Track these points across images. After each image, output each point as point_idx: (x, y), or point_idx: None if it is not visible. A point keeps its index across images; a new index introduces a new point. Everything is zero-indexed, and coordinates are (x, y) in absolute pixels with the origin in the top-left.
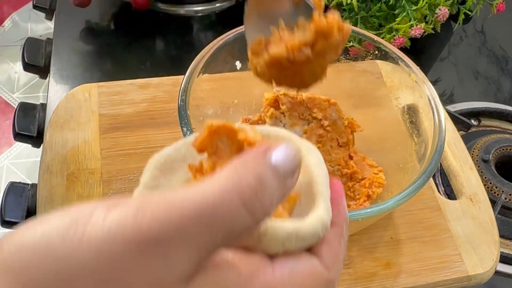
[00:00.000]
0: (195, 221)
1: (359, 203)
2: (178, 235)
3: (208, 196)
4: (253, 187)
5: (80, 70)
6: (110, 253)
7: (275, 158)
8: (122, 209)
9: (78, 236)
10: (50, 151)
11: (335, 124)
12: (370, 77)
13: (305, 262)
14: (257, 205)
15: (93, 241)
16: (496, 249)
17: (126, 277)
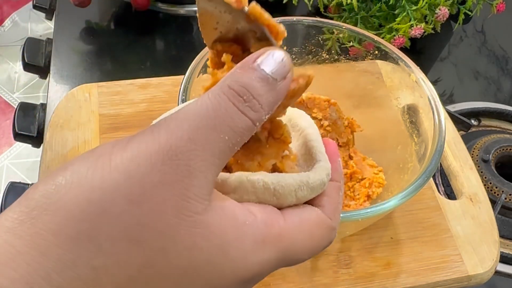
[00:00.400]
0: (202, 127)
1: (359, 203)
2: (191, 142)
3: (207, 104)
4: (241, 93)
5: (80, 70)
6: (137, 172)
7: (264, 65)
8: (139, 135)
9: (106, 164)
10: (50, 151)
11: (335, 124)
12: (370, 77)
13: (311, 212)
14: (246, 104)
15: (119, 164)
16: (496, 249)
17: (155, 191)
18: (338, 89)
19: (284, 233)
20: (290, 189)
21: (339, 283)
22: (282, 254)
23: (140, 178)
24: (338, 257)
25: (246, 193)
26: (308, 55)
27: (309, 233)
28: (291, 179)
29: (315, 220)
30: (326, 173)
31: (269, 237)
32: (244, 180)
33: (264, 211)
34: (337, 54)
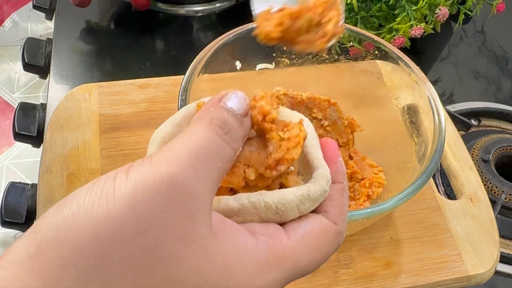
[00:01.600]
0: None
1: (359, 203)
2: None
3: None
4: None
5: (80, 70)
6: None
7: (229, 103)
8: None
9: (110, 195)
10: (50, 151)
11: (335, 124)
12: (370, 77)
13: (314, 222)
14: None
15: (124, 195)
16: (496, 249)
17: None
18: (338, 89)
19: (288, 252)
20: (292, 205)
21: (339, 283)
22: (289, 272)
23: (145, 207)
24: (338, 257)
25: (249, 214)
26: (308, 55)
27: (315, 245)
28: (292, 195)
29: (319, 230)
30: (325, 180)
31: (272, 259)
32: (245, 203)
33: (266, 232)
34: (337, 54)
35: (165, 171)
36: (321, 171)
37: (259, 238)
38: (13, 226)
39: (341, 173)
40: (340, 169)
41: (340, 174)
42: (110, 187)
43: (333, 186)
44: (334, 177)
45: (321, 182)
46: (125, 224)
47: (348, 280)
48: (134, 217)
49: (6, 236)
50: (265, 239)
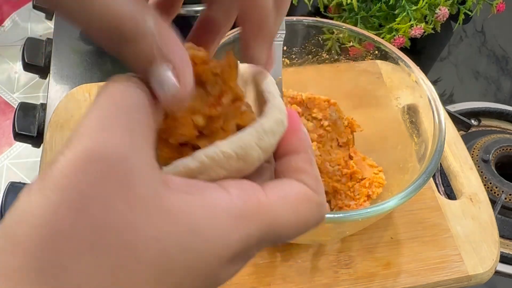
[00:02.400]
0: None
1: (359, 203)
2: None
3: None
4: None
5: (80, 70)
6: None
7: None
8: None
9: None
10: (50, 151)
11: (335, 124)
12: (370, 77)
13: (295, 186)
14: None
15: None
16: (496, 249)
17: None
18: (338, 89)
19: (266, 207)
20: (251, 144)
21: (339, 283)
22: (266, 228)
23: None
24: (338, 257)
25: (212, 169)
26: (308, 55)
27: (295, 208)
28: (247, 136)
29: (302, 195)
30: (278, 110)
31: (247, 212)
32: (203, 159)
33: (240, 187)
34: (337, 54)
35: (81, 148)
36: (271, 102)
37: (232, 192)
38: None
39: (304, 141)
40: (302, 137)
41: (304, 143)
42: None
43: (300, 157)
44: (299, 146)
45: (273, 113)
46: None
47: (348, 280)
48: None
49: None
50: (238, 193)
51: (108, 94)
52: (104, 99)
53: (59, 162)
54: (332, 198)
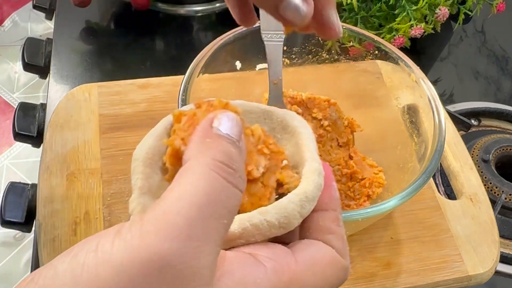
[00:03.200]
0: (200, 218)
1: (359, 203)
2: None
3: (199, 188)
4: (229, 163)
5: (80, 70)
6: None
7: (224, 128)
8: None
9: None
10: (50, 151)
11: (335, 124)
12: (370, 77)
13: (324, 251)
14: (236, 175)
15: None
16: (496, 249)
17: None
18: (338, 89)
19: (296, 278)
20: (294, 214)
21: None
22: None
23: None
24: None
25: (252, 235)
26: (308, 55)
27: (322, 274)
28: (291, 205)
29: (328, 260)
30: (317, 174)
31: (280, 285)
32: (247, 226)
33: (273, 256)
34: (337, 54)
35: (155, 249)
36: (309, 164)
37: (267, 265)
38: (13, 226)
39: (335, 199)
40: (334, 195)
41: (334, 201)
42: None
43: (328, 215)
44: (328, 203)
45: (314, 178)
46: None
47: (348, 280)
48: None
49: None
50: (273, 265)
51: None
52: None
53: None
54: None
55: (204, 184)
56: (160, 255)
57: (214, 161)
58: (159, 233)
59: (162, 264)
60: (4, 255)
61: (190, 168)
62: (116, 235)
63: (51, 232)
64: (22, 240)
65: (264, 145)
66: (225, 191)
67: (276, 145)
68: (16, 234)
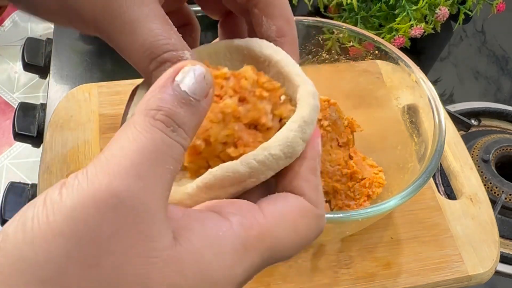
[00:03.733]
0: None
1: (359, 203)
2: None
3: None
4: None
5: (80, 70)
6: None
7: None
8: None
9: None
10: (50, 151)
11: (335, 124)
12: (370, 77)
13: (292, 202)
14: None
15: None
16: (496, 249)
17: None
18: (338, 89)
19: (265, 232)
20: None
21: (339, 283)
22: (267, 254)
23: (91, 236)
24: (338, 257)
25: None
26: (308, 55)
27: (294, 226)
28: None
29: (298, 211)
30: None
31: (249, 241)
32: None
33: (238, 211)
34: (337, 54)
35: (106, 188)
36: (303, 88)
37: (232, 219)
38: None
39: (315, 149)
40: (315, 146)
41: (314, 151)
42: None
43: (305, 162)
44: (307, 152)
45: (308, 101)
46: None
47: (348, 280)
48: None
49: None
50: (238, 220)
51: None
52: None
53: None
54: (332, 198)
55: (144, 136)
56: (111, 193)
57: (154, 119)
58: (107, 174)
59: (115, 201)
60: None
61: (132, 123)
62: (62, 186)
63: None
64: None
65: (261, 89)
66: (167, 143)
67: (271, 82)
68: None
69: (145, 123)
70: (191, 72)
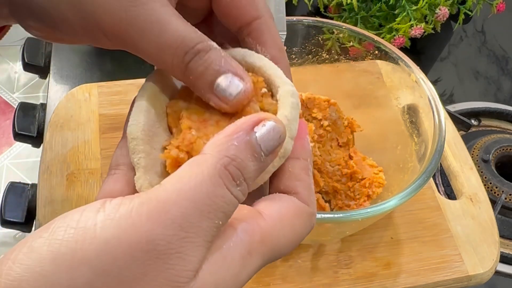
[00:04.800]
0: (195, 214)
1: (359, 203)
2: (183, 231)
3: (203, 189)
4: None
5: (80, 70)
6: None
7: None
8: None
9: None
10: (50, 151)
11: (335, 124)
12: (370, 77)
13: (288, 203)
14: (240, 191)
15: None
16: (496, 249)
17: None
18: (338, 89)
19: (267, 235)
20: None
21: (339, 283)
22: (268, 255)
23: (118, 273)
24: (338, 257)
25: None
26: (308, 55)
27: (291, 226)
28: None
29: (294, 211)
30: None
31: (253, 246)
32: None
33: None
34: (337, 54)
35: (145, 234)
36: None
37: (237, 227)
38: (13, 226)
39: (306, 150)
40: (306, 145)
41: (305, 151)
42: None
43: (298, 163)
44: (299, 152)
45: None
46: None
47: (348, 280)
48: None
49: (6, 236)
50: (243, 227)
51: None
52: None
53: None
54: (332, 198)
55: (207, 188)
56: (149, 238)
57: (225, 170)
58: (151, 218)
59: (149, 247)
60: None
61: (200, 165)
62: (100, 209)
63: None
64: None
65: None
66: (226, 199)
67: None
68: (16, 234)
69: (214, 172)
70: (270, 128)
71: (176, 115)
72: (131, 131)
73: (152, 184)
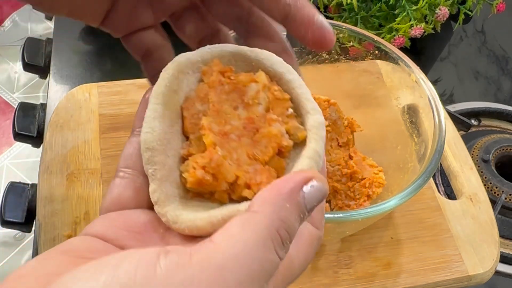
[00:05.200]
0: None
1: (359, 203)
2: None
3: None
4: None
5: (80, 70)
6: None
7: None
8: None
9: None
10: (50, 151)
11: (335, 124)
12: (370, 77)
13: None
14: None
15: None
16: (496, 249)
17: None
18: (338, 89)
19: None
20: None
21: (339, 283)
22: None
23: None
24: (338, 257)
25: None
26: (308, 55)
27: (305, 255)
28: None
29: (307, 239)
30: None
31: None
32: None
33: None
34: (337, 54)
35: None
36: (314, 118)
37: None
38: (13, 226)
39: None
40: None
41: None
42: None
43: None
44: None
45: (320, 133)
46: None
47: (348, 280)
48: None
49: (6, 236)
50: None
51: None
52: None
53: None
54: (332, 198)
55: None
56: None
57: (277, 235)
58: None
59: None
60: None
61: (253, 226)
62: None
63: (51, 232)
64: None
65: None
66: (273, 263)
67: (281, 92)
68: (16, 234)
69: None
70: (318, 189)
71: (194, 121)
72: (146, 140)
73: (167, 195)
